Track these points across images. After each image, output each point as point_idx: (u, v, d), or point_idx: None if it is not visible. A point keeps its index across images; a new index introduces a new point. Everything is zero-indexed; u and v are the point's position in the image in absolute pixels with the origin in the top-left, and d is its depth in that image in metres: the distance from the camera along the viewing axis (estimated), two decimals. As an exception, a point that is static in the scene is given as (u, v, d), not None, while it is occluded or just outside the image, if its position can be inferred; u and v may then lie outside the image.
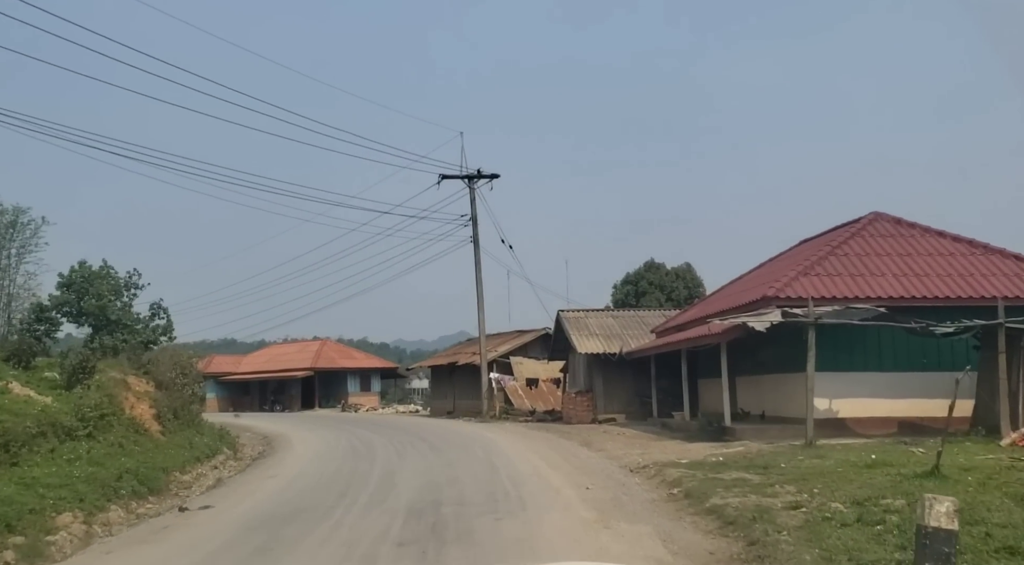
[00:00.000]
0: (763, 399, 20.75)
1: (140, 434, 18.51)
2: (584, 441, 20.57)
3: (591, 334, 28.73)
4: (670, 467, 13.98)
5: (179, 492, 15.30)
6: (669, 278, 44.76)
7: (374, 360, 60.26)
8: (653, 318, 30.22)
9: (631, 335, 28.62)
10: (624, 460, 16.03)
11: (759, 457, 14.63)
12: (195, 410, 24.95)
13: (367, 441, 23.24)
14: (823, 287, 18.20)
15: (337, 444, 23.03)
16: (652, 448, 17.94)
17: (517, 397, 36.34)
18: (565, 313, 30.12)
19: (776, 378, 20.13)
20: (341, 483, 14.03)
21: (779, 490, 10.87)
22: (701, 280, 45.64)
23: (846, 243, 19.75)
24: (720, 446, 17.34)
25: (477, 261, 36.25)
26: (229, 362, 61.13)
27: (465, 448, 19.63)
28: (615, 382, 28.10)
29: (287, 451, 22.67)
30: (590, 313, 30.66)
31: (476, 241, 36.39)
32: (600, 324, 29.47)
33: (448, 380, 42.77)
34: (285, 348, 61.06)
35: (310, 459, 19.41)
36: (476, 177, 36.57)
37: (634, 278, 45.57)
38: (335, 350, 57.84)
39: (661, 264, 45.89)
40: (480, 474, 14.33)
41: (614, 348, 27.48)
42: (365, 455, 19.06)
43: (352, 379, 56.76)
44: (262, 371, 57.67)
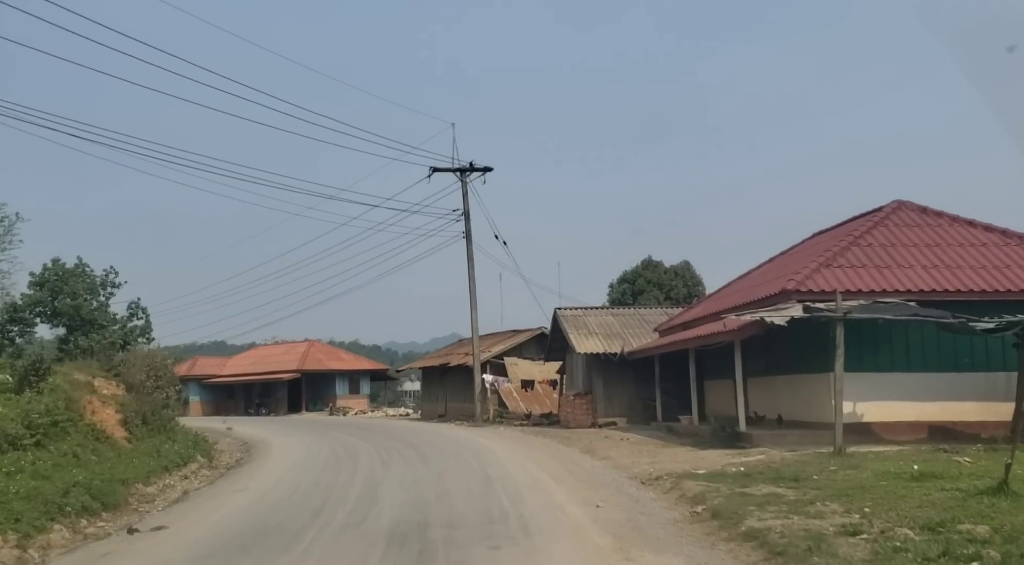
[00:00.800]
0: (778, 402, 19.25)
1: (101, 442, 16.89)
2: (586, 447, 19.02)
3: (590, 333, 27.19)
4: (687, 479, 12.45)
5: (139, 507, 13.70)
6: (668, 276, 43.28)
7: (363, 362, 58.56)
8: (655, 316, 28.70)
9: (632, 334, 27.10)
10: (633, 470, 14.48)
11: (785, 467, 13.12)
12: (168, 415, 23.26)
13: (351, 448, 21.62)
14: (847, 280, 16.71)
15: (319, 451, 21.41)
16: (661, 456, 16.40)
17: (512, 400, 34.76)
18: (563, 311, 28.58)
19: (793, 379, 18.64)
20: (317, 498, 12.44)
21: (823, 509, 9.34)
22: (700, 278, 44.24)
23: (869, 233, 18.27)
24: (736, 454, 15.82)
25: (470, 257, 34.70)
26: (213, 364, 59.35)
27: (456, 456, 18.05)
28: (616, 384, 26.57)
29: (265, 459, 21.06)
30: (589, 311, 29.12)
31: (468, 236, 34.85)
32: (600, 322, 27.93)
33: (440, 382, 41.18)
34: (271, 349, 59.30)
35: (288, 468, 17.80)
36: (468, 170, 35.01)
37: (631, 276, 44.08)
38: (323, 351, 56.14)
39: (659, 262, 44.42)
40: (473, 488, 12.75)
41: (615, 348, 25.95)
42: (347, 464, 17.46)
43: (340, 381, 55.09)
44: (247, 373, 55.93)
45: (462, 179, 35.01)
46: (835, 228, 21.06)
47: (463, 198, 35.01)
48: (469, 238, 34.81)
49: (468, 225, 34.90)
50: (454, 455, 18.33)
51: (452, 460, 17.15)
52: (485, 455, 18.09)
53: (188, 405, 56.88)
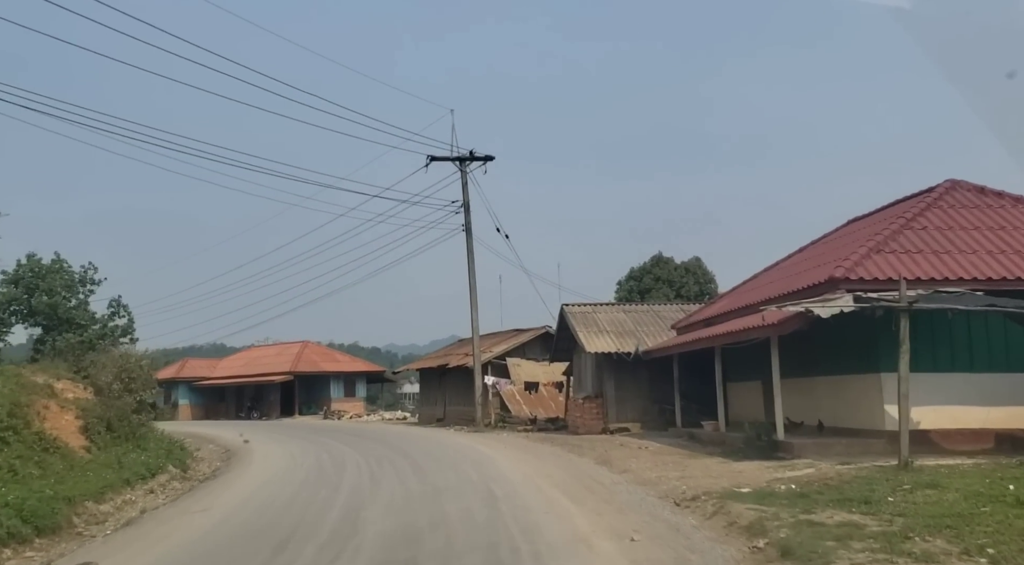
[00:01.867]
0: (816, 406, 17.13)
1: (50, 452, 14.80)
2: (601, 458, 16.90)
3: (601, 331, 25.07)
4: (731, 500, 10.35)
5: (85, 530, 11.65)
6: (678, 273, 41.17)
7: (359, 363, 56.38)
8: (671, 313, 26.59)
9: (647, 332, 24.99)
10: (662, 486, 12.37)
11: (846, 485, 11.00)
12: (138, 420, 21.12)
13: (339, 457, 19.51)
14: (902, 266, 14.59)
15: (303, 461, 19.30)
16: (691, 469, 14.28)
17: (515, 403, 32.62)
18: (570, 308, 26.45)
19: (835, 381, 16.52)
20: (287, 524, 10.32)
21: (928, 547, 7.24)
22: (712, 275, 42.13)
23: (922, 215, 16.16)
24: (778, 466, 13.71)
25: (469, 250, 32.59)
26: (204, 366, 57.22)
27: (456, 468, 15.91)
28: (628, 386, 24.45)
29: (243, 469, 18.96)
30: (599, 308, 26.99)
31: (468, 229, 32.73)
32: (611, 320, 25.81)
33: (438, 384, 39.05)
34: (264, 351, 57.11)
35: (264, 482, 15.69)
36: (468, 159, 32.91)
37: (639, 274, 41.96)
38: (317, 353, 53.98)
39: (670, 259, 42.28)
40: (476, 510, 10.62)
41: (628, 347, 23.82)
42: (331, 477, 15.34)
43: (335, 384, 52.94)
44: (239, 376, 53.79)
45: (461, 168, 32.92)
46: (876, 213, 18.94)
47: (463, 189, 32.95)
48: (469, 231, 32.75)
49: (468, 217, 32.83)
50: (452, 466, 16.20)
51: (450, 473, 15.02)
52: (488, 467, 15.98)
53: (177, 408, 54.80)
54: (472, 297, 32.38)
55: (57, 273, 36.50)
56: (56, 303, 35.41)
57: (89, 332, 35.60)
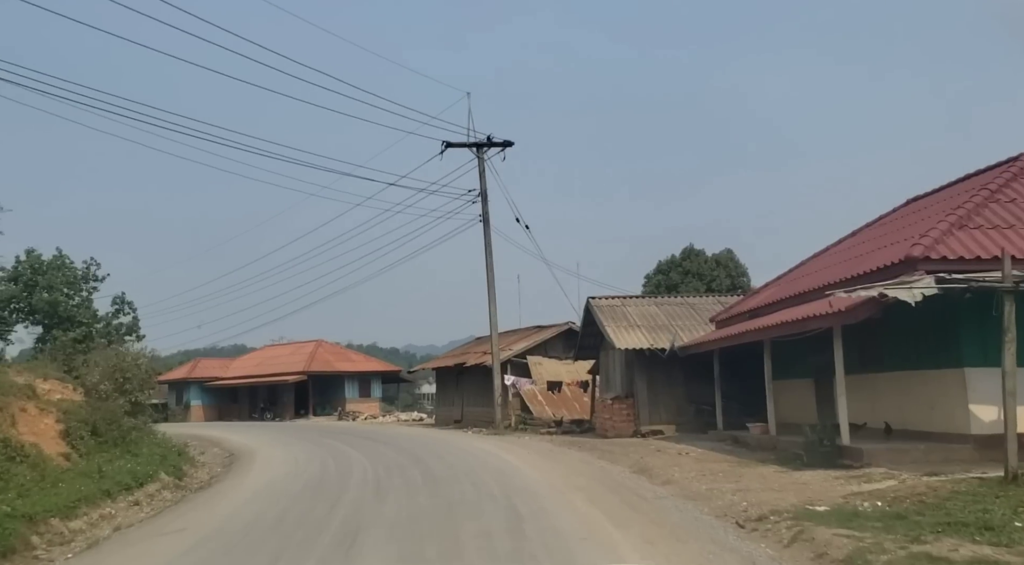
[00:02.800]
0: (880, 406, 15.08)
1: (17, 461, 13.11)
2: (637, 466, 14.97)
3: (631, 326, 23.10)
4: (809, 521, 8.41)
5: (46, 552, 9.97)
6: (708, 266, 39.04)
7: (374, 363, 54.67)
8: (706, 305, 24.57)
9: (682, 326, 22.99)
10: (716, 502, 10.43)
11: (947, 502, 9.01)
12: (131, 424, 19.48)
13: (345, 464, 17.72)
14: (991, 243, 12.53)
15: (306, 468, 17.52)
16: (746, 479, 12.31)
17: (536, 404, 30.72)
18: (597, 301, 24.50)
19: (904, 377, 14.48)
20: (268, 552, 8.51)
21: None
22: (745, 268, 39.97)
23: (1008, 187, 14.08)
24: (849, 477, 11.73)
25: (487, 242, 30.69)
26: (216, 366, 55.78)
27: (472, 478, 14.01)
28: (662, 385, 22.48)
29: (241, 477, 17.24)
30: (628, 301, 25.01)
31: (486, 219, 30.83)
32: (642, 313, 23.83)
33: (455, 385, 37.22)
34: (278, 350, 55.57)
35: (258, 493, 13.92)
36: (486, 145, 31.02)
37: (667, 267, 39.88)
38: (331, 352, 52.34)
39: (701, 251, 40.15)
40: (497, 535, 8.74)
41: (662, 342, 21.84)
42: (332, 489, 13.52)
43: (350, 384, 51.27)
44: (252, 376, 52.28)
45: (478, 155, 31.04)
46: (946, 188, 16.82)
47: (480, 176, 31.05)
48: (487, 221, 30.85)
49: (485, 207, 30.95)
50: (469, 476, 14.32)
51: (467, 485, 13.13)
52: (510, 477, 14.08)
53: (189, 410, 53.44)
54: (490, 291, 30.53)
55: (59, 270, 35.04)
56: (56, 300, 33.93)
57: (92, 330, 34.12)
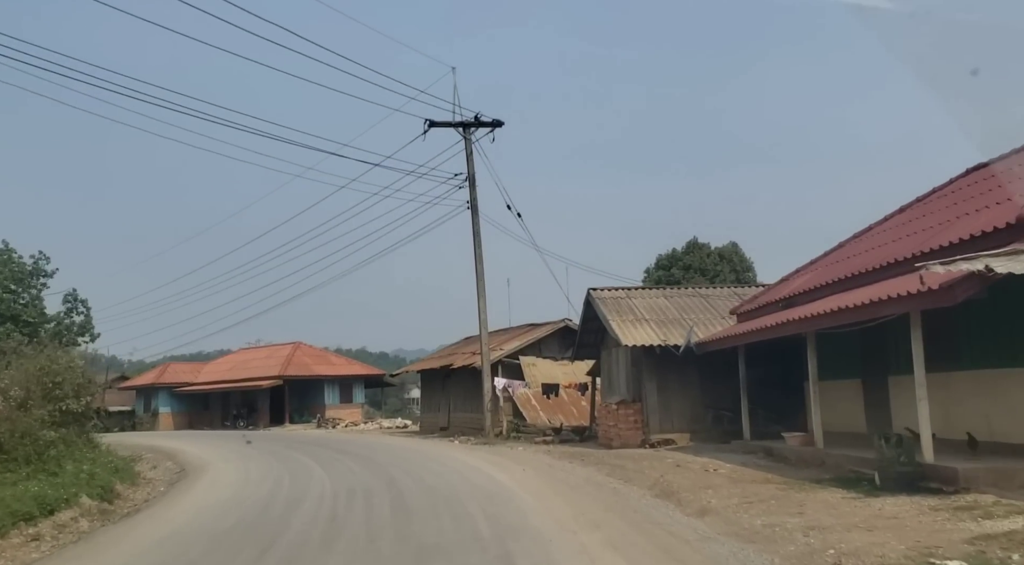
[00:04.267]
0: (959, 413, 12.23)
1: None
2: (659, 487, 12.04)
3: (638, 320, 20.19)
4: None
5: None
6: (711, 260, 36.23)
7: (356, 366, 51.51)
8: (722, 297, 21.71)
9: (696, 320, 20.10)
10: (787, 548, 7.52)
11: None
12: (50, 437, 16.43)
13: (301, 485, 14.72)
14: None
15: (253, 491, 14.52)
16: (811, 510, 9.39)
17: (530, 409, 27.76)
18: (599, 292, 21.58)
19: (993, 377, 11.65)
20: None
21: None
22: (751, 262, 37.17)
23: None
24: (952, 507, 8.85)
25: (475, 230, 27.75)
26: (187, 371, 52.49)
27: (456, 511, 10.96)
28: (674, 387, 19.60)
29: (174, 501, 14.26)
30: (634, 292, 22.12)
31: (474, 206, 27.90)
32: (650, 306, 20.93)
33: (441, 388, 34.23)
34: (252, 353, 52.34)
35: (180, 527, 10.92)
36: (474, 125, 28.12)
37: (668, 262, 37.03)
38: (309, 355, 49.16)
39: (705, 244, 37.35)
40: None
41: (675, 338, 18.95)
42: (273, 524, 10.51)
43: (330, 389, 48.13)
44: (224, 381, 49.03)
45: (465, 135, 28.12)
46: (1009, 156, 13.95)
47: (467, 159, 28.13)
48: (475, 208, 27.91)
49: (473, 192, 28.01)
50: (451, 506, 11.31)
51: (446, 520, 10.13)
52: (503, 507, 11.08)
53: (157, 417, 50.17)
54: (479, 283, 27.57)
55: (4, 264, 31.82)
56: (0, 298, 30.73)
57: (41, 330, 30.89)
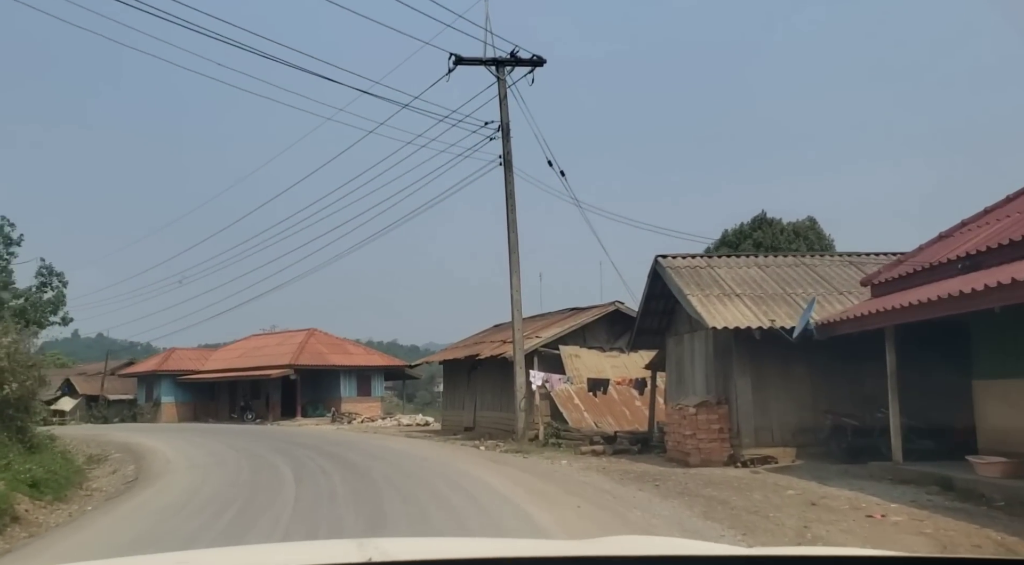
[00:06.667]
0: None
1: None
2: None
3: (726, 294, 15.13)
4: None
5: None
6: (785, 237, 30.98)
7: (375, 356, 46.88)
8: (833, 268, 16.55)
9: (803, 295, 15.01)
10: None
11: None
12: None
13: (253, 513, 9.95)
14: None
15: (184, 524, 9.80)
16: None
17: (572, 409, 22.81)
18: (671, 261, 16.51)
19: None
20: None
21: None
22: (831, 240, 31.81)
23: None
24: None
25: (509, 191, 22.86)
26: (193, 357, 48.31)
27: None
28: (774, 386, 14.55)
29: (67, 536, 9.61)
30: (718, 260, 17.05)
31: (507, 161, 22.99)
32: (741, 278, 15.86)
33: (466, 383, 29.44)
34: (264, 340, 47.98)
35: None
36: (510, 63, 23.21)
37: (734, 239, 31.84)
38: (324, 342, 44.65)
39: (776, 220, 32.09)
40: None
41: (783, 318, 13.89)
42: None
43: (346, 380, 43.60)
44: (233, 369, 44.72)
45: (499, 75, 23.22)
46: None
47: (500, 104, 23.24)
48: (508, 163, 23.01)
49: (507, 144, 23.09)
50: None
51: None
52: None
53: (160, 408, 46.10)
54: (512, 257, 22.67)
55: (-35, 230, 27.60)
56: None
57: (1, 304, 26.64)
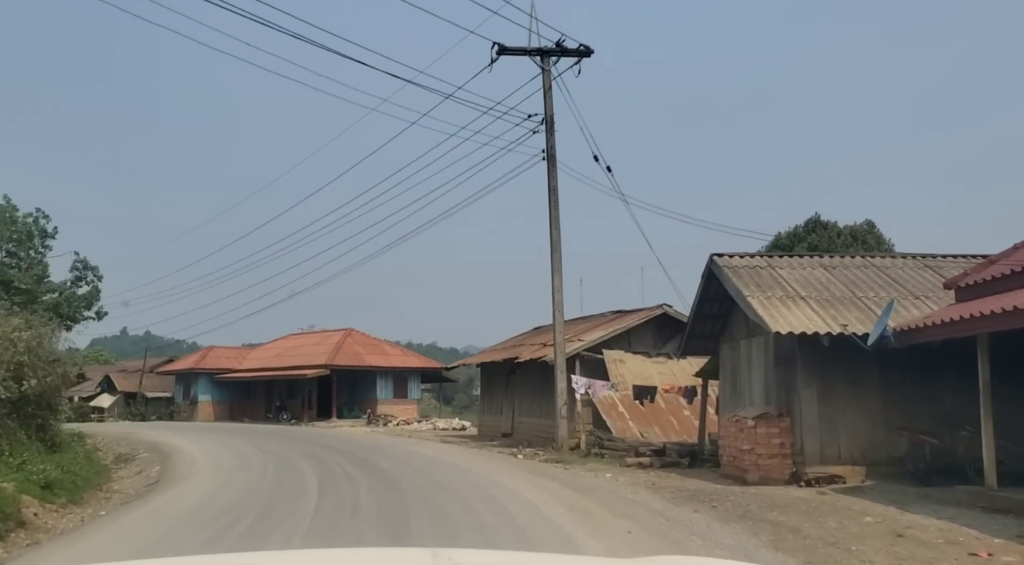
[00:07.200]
0: None
1: None
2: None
3: (790, 297, 13.86)
4: None
5: None
6: (842, 240, 29.39)
7: (412, 357, 46.09)
8: (906, 271, 15.15)
9: (876, 299, 13.67)
10: None
11: None
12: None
13: (272, 522, 9.02)
14: None
15: (196, 533, 8.90)
16: None
17: (616, 418, 21.61)
18: (727, 259, 15.24)
19: None
20: None
21: None
22: (891, 244, 30.11)
23: None
24: None
25: (552, 187, 21.77)
26: (230, 356, 48.04)
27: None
28: (842, 398, 13.24)
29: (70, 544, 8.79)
30: (779, 260, 15.74)
31: (551, 156, 21.93)
32: (805, 280, 14.55)
33: (504, 387, 28.41)
34: (301, 339, 47.54)
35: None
36: (555, 54, 22.15)
37: (787, 241, 30.33)
38: (361, 343, 43.99)
39: (831, 223, 30.51)
40: None
41: (856, 324, 12.58)
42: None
43: (383, 381, 42.89)
44: (269, 368, 44.33)
45: (543, 66, 22.17)
46: None
47: (544, 96, 22.19)
48: (552, 158, 21.94)
49: (551, 138, 22.04)
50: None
51: None
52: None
53: (196, 406, 45.92)
54: (554, 256, 21.58)
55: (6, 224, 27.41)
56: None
57: (37, 297, 26.36)
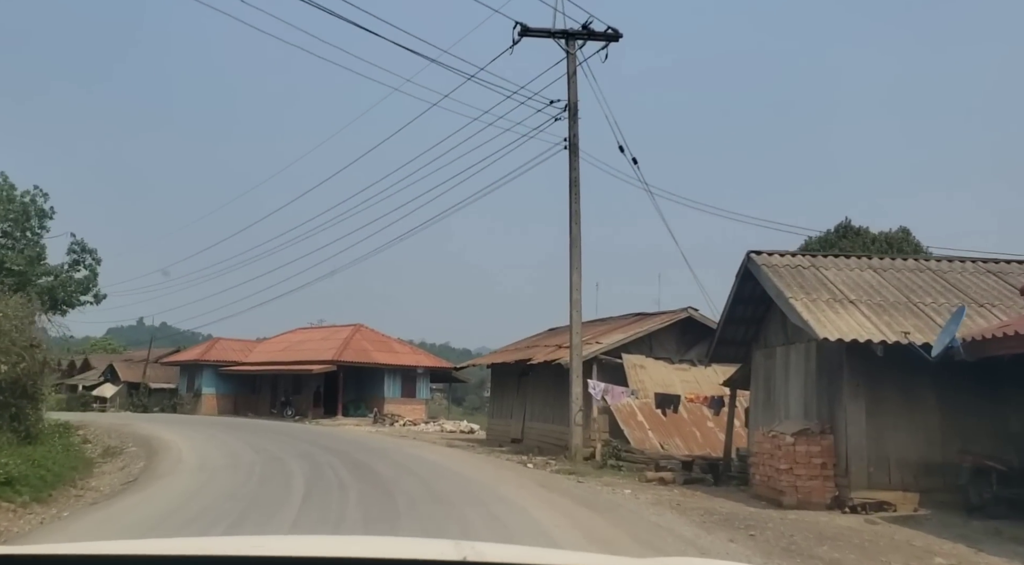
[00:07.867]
0: None
1: None
2: None
3: (837, 301, 12.45)
4: None
5: None
6: (876, 247, 27.89)
7: (421, 356, 44.87)
8: (965, 276, 13.72)
9: (932, 306, 12.25)
10: None
11: None
12: None
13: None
14: None
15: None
16: None
17: (635, 427, 20.22)
18: (766, 258, 13.86)
19: None
20: None
21: None
22: (928, 250, 28.54)
23: None
24: None
25: (573, 177, 20.45)
26: (237, 349, 47.01)
27: None
28: (894, 415, 11.84)
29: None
30: (824, 260, 14.30)
31: (573, 144, 20.60)
32: (854, 282, 13.15)
33: (516, 390, 27.10)
34: (309, 334, 46.44)
35: None
36: (581, 36, 20.86)
37: (818, 247, 28.83)
38: (370, 339, 42.79)
39: (863, 228, 29.05)
40: None
41: (914, 332, 11.17)
42: None
43: (391, 379, 41.69)
44: (275, 363, 43.26)
45: (568, 49, 20.88)
46: None
47: (568, 82, 20.88)
48: (574, 148, 20.62)
49: (574, 126, 20.72)
50: None
51: None
52: None
53: (200, 399, 44.90)
54: (573, 252, 20.24)
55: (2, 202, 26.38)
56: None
57: (30, 281, 25.27)
